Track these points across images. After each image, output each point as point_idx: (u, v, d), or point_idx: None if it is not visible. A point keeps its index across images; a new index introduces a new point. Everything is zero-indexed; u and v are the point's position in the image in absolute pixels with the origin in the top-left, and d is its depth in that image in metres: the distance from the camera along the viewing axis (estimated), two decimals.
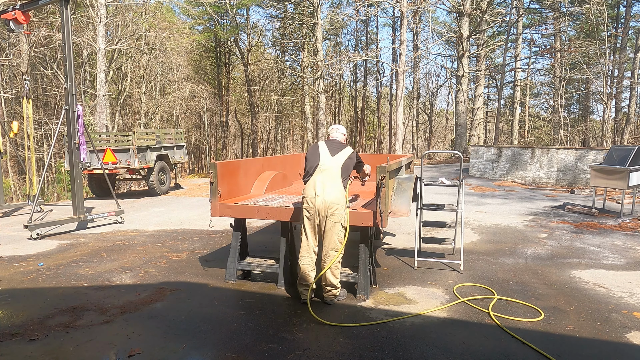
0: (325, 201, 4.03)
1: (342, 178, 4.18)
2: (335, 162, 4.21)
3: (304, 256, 4.19)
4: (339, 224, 4.07)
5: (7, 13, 7.87)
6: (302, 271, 4.18)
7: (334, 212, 4.04)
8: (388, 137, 32.96)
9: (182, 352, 3.33)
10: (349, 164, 4.30)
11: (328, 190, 4.06)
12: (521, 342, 3.47)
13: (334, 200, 4.04)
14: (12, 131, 9.55)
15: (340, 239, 4.11)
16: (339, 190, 4.10)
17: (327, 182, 4.09)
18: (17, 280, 5.00)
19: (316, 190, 4.07)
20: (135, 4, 20.99)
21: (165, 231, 7.63)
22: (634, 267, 5.49)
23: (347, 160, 4.27)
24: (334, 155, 4.25)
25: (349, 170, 4.31)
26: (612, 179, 8.54)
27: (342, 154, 4.29)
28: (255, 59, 31.25)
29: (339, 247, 4.11)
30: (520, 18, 24.03)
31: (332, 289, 4.21)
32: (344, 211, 4.10)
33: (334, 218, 4.05)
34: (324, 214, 4.06)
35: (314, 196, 4.06)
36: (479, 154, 16.03)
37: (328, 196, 4.03)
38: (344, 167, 4.23)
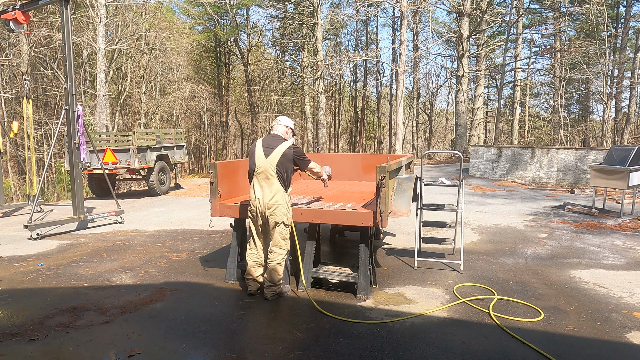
0: (265, 203, 4.16)
1: (280, 178, 4.16)
2: (269, 163, 4.16)
3: (250, 254, 4.40)
4: (281, 222, 4.18)
5: (7, 13, 7.87)
6: (248, 268, 4.41)
7: (274, 211, 4.15)
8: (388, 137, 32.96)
9: (182, 352, 3.33)
10: (284, 162, 4.17)
11: (266, 192, 4.17)
12: (521, 342, 3.47)
13: (273, 202, 4.14)
14: (12, 131, 9.55)
15: (283, 236, 4.23)
16: (276, 191, 4.15)
17: (265, 185, 4.18)
18: (17, 280, 5.00)
19: (256, 193, 4.22)
20: (135, 4, 20.99)
21: (165, 231, 7.63)
22: (634, 267, 5.49)
23: (281, 159, 4.15)
24: (268, 156, 4.17)
25: (287, 170, 4.22)
26: (612, 179, 8.54)
27: (277, 152, 4.16)
28: (255, 59, 31.26)
29: (282, 245, 4.25)
30: (520, 18, 24.03)
31: (272, 285, 4.33)
32: (285, 210, 4.18)
33: (275, 217, 4.16)
34: (265, 215, 4.20)
35: (255, 199, 4.22)
36: (479, 154, 16.03)
37: (266, 198, 4.16)
38: (280, 167, 4.15)
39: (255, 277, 4.42)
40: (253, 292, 4.44)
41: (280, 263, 4.27)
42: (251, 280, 4.44)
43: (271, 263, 4.26)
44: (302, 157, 4.34)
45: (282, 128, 4.42)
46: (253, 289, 4.45)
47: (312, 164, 4.46)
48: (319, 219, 4.42)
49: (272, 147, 4.20)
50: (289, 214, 4.24)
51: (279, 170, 4.15)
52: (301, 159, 4.33)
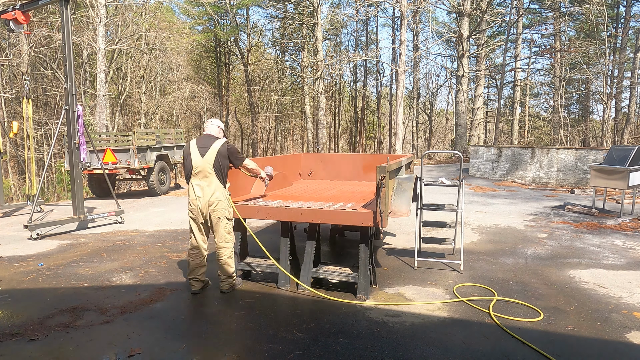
0: (206, 201, 4.28)
1: (218, 176, 4.28)
2: (206, 162, 4.27)
3: (192, 254, 4.49)
4: (223, 217, 4.31)
5: (7, 13, 7.86)
6: (191, 267, 4.51)
7: (215, 207, 4.28)
8: (388, 137, 32.96)
9: (182, 352, 3.33)
10: (220, 160, 4.29)
11: (206, 190, 4.28)
12: (521, 342, 3.47)
13: (214, 199, 4.27)
14: (12, 131, 9.54)
15: (227, 231, 4.38)
16: (215, 188, 4.28)
17: (204, 184, 4.29)
18: (17, 280, 5.00)
19: (196, 192, 4.32)
20: (135, 4, 21.00)
21: (165, 231, 7.63)
22: (634, 267, 5.49)
23: (217, 157, 4.27)
24: (204, 155, 4.28)
25: (223, 167, 4.33)
26: (612, 179, 8.54)
27: (212, 150, 4.27)
28: (255, 59, 31.25)
29: (228, 239, 4.40)
30: (520, 18, 24.02)
31: (227, 278, 4.50)
32: (226, 204, 4.33)
33: (217, 213, 4.30)
34: (206, 212, 4.32)
35: (195, 198, 4.32)
36: (479, 154, 16.03)
37: (207, 196, 4.28)
38: (216, 165, 4.27)
39: (197, 276, 4.51)
40: (196, 291, 4.52)
41: (230, 256, 4.44)
42: (193, 279, 4.52)
43: (222, 258, 4.42)
44: (236, 154, 4.44)
45: (214, 128, 4.52)
46: (197, 288, 4.52)
47: (247, 160, 4.54)
48: (319, 219, 4.42)
49: (208, 146, 4.30)
50: (229, 208, 4.38)
51: (217, 169, 4.27)
52: (235, 156, 4.42)
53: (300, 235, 6.22)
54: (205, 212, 4.32)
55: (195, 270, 4.51)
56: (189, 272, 4.54)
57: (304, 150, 32.10)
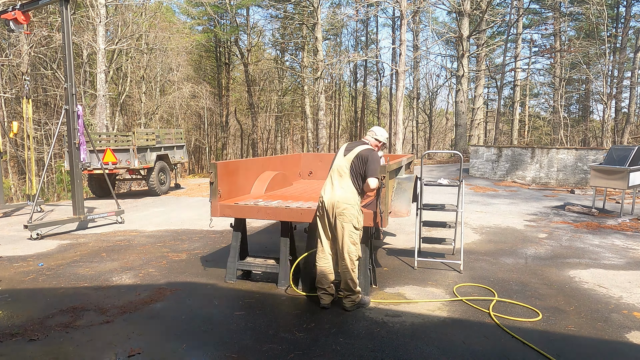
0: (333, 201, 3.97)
1: (353, 178, 4.03)
2: (345, 161, 4.08)
3: (319, 258, 4.14)
4: (349, 224, 3.93)
5: (7, 13, 7.87)
6: (318, 276, 4.13)
7: (342, 212, 3.92)
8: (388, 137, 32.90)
9: (182, 352, 3.33)
10: (358, 163, 4.04)
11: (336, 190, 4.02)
12: (521, 342, 3.47)
13: (341, 201, 3.94)
14: (12, 131, 9.55)
15: (353, 241, 3.95)
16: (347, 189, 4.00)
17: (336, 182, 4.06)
18: (17, 280, 5.00)
19: (326, 190, 4.08)
20: (135, 4, 21.00)
21: (165, 231, 7.63)
22: (633, 267, 5.49)
23: (355, 159, 4.05)
24: (346, 155, 4.11)
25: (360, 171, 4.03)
26: (612, 179, 8.54)
27: (353, 152, 4.09)
28: (255, 59, 31.23)
29: (352, 250, 3.96)
30: (520, 18, 24.02)
31: (350, 294, 4.03)
32: (355, 211, 3.96)
33: (343, 218, 3.93)
34: (332, 214, 3.99)
35: (323, 195, 4.07)
36: (479, 154, 16.03)
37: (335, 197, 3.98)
38: (353, 167, 4.04)
39: (325, 287, 4.10)
40: (326, 305, 4.09)
41: (354, 270, 3.99)
42: (323, 293, 4.11)
43: (346, 271, 4.00)
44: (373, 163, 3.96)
45: (370, 135, 4.37)
46: (327, 301, 4.10)
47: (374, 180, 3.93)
48: None
49: (352, 149, 4.13)
50: (359, 217, 4.00)
51: (352, 169, 4.00)
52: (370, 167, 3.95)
53: (300, 235, 6.21)
54: (331, 213, 3.97)
55: (322, 280, 4.09)
56: (317, 282, 4.14)
57: (304, 150, 32.11)
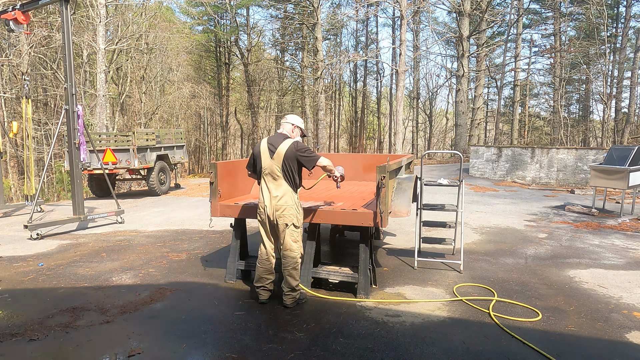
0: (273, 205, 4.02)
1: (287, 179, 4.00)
2: (274, 164, 3.98)
3: (261, 260, 4.25)
4: (290, 224, 4.03)
5: (7, 13, 7.86)
6: (258, 275, 4.27)
7: (282, 213, 3.99)
8: (388, 137, 32.95)
9: (182, 352, 3.33)
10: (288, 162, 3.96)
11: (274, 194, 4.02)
12: (521, 342, 3.47)
13: (281, 203, 3.99)
14: (12, 131, 9.55)
15: (294, 239, 4.06)
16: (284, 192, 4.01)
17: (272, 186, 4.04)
18: (17, 280, 5.00)
19: (264, 195, 4.08)
20: (135, 4, 21.00)
21: (165, 231, 7.63)
22: (633, 267, 5.49)
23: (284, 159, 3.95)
24: (273, 156, 3.99)
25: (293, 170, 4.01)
26: (612, 179, 8.54)
27: (279, 152, 3.97)
28: (255, 59, 31.22)
29: (294, 248, 4.07)
30: (520, 18, 24.04)
31: (290, 291, 4.12)
32: (294, 210, 4.03)
33: (284, 219, 4.01)
34: (273, 217, 4.04)
35: (263, 201, 4.08)
36: (479, 154, 16.03)
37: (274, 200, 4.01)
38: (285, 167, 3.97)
39: (265, 284, 4.24)
40: (265, 301, 4.24)
41: (295, 267, 4.08)
42: (261, 288, 4.24)
43: (286, 268, 4.08)
44: (305, 153, 3.99)
45: (288, 126, 4.20)
46: (264, 297, 4.24)
47: (322, 159, 4.06)
48: (319, 219, 4.42)
49: (275, 147, 3.99)
50: (298, 215, 4.07)
51: (285, 170, 3.96)
52: (305, 158, 3.99)
53: None
54: (273, 217, 4.03)
55: (263, 279, 4.22)
56: (256, 280, 4.27)
57: None
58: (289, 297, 4.13)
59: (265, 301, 4.24)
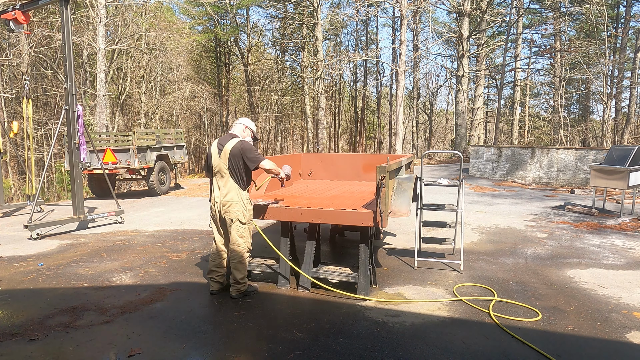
0: (220, 201, 4.23)
1: (233, 176, 4.15)
2: (221, 162, 4.16)
3: (212, 254, 4.49)
4: (236, 220, 4.21)
5: (7, 13, 7.87)
6: (209, 267, 4.51)
7: (228, 209, 4.18)
8: (388, 137, 32.96)
9: (182, 352, 3.33)
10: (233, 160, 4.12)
11: (222, 191, 4.23)
12: (521, 342, 3.47)
13: (227, 199, 4.18)
14: (12, 131, 9.55)
15: (240, 234, 4.24)
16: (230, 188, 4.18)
17: (220, 184, 4.23)
18: (17, 280, 5.00)
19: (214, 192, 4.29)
20: (135, 4, 20.99)
21: (165, 231, 7.63)
22: (633, 267, 5.49)
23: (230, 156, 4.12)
24: (220, 154, 4.17)
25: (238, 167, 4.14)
26: (612, 179, 8.54)
27: (225, 150, 4.14)
28: (255, 59, 31.24)
29: (240, 243, 4.25)
30: (520, 18, 24.03)
31: (235, 283, 4.34)
32: (240, 207, 4.18)
33: (230, 215, 4.20)
34: (222, 213, 4.25)
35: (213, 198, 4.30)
36: (479, 154, 16.03)
37: (222, 196, 4.22)
38: (230, 165, 4.13)
39: (215, 277, 4.46)
40: (214, 292, 4.47)
41: (241, 261, 4.29)
42: (211, 280, 4.49)
43: (232, 262, 4.31)
44: (249, 153, 4.13)
45: (239, 127, 4.38)
46: (214, 288, 4.48)
47: (265, 162, 4.18)
48: (319, 219, 4.42)
49: (224, 145, 4.17)
50: (244, 211, 4.22)
51: (231, 167, 4.13)
52: (247, 156, 4.12)
53: (300, 235, 6.21)
54: (221, 213, 4.24)
55: (214, 271, 4.46)
56: (208, 272, 4.52)
57: (304, 150, 32.09)
58: (234, 288, 4.37)
59: (215, 292, 4.47)
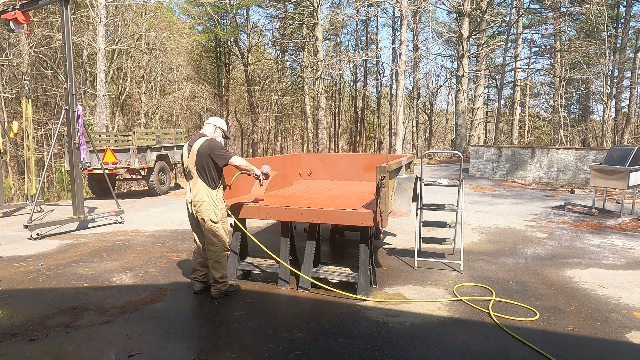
0: (191, 201, 4.25)
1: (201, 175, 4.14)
2: (190, 161, 4.18)
3: (193, 253, 4.52)
4: (207, 219, 4.20)
5: (7, 13, 7.86)
6: (192, 267, 4.54)
7: (199, 208, 4.19)
8: (388, 137, 32.96)
9: (182, 352, 3.33)
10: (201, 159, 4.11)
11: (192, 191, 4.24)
12: (521, 342, 3.47)
13: (197, 199, 4.18)
14: (12, 131, 9.55)
15: (213, 233, 4.22)
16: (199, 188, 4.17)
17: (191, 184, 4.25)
18: (17, 280, 5.00)
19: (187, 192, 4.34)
20: (135, 4, 20.99)
21: (166, 231, 7.63)
22: (633, 267, 5.49)
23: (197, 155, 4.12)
24: (189, 154, 4.19)
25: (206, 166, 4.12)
26: (612, 179, 8.54)
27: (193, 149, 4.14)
28: (255, 59, 31.24)
29: (214, 242, 4.23)
30: (520, 18, 24.03)
31: (214, 283, 4.33)
32: (211, 206, 4.18)
33: (201, 214, 4.20)
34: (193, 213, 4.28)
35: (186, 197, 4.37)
36: (479, 154, 16.03)
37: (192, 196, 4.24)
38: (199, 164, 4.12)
39: (197, 276, 4.48)
40: (198, 291, 4.49)
41: (217, 260, 4.26)
42: (194, 279, 4.52)
43: (208, 261, 4.31)
44: (216, 150, 4.11)
45: (209, 127, 4.35)
46: (198, 288, 4.50)
47: (234, 158, 4.19)
48: (319, 219, 4.42)
49: (192, 145, 4.18)
50: (215, 210, 4.19)
51: (199, 166, 4.12)
52: (215, 153, 4.10)
53: (300, 235, 6.21)
54: (194, 212, 4.26)
55: (196, 271, 4.49)
56: (191, 272, 4.55)
57: (304, 150, 32.10)
58: (213, 288, 4.34)
59: (198, 292, 4.48)
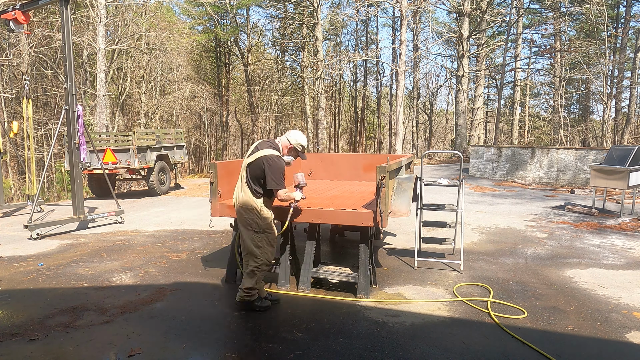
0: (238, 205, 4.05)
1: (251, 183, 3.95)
2: (245, 165, 4.00)
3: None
4: (251, 228, 3.99)
5: (7, 13, 7.87)
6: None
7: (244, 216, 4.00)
8: (388, 137, 32.95)
9: (182, 352, 3.33)
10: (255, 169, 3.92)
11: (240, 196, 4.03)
12: (521, 342, 3.47)
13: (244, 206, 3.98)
14: (12, 131, 9.55)
15: (255, 244, 3.99)
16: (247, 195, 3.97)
17: (239, 187, 4.07)
18: (17, 280, 5.00)
19: (235, 195, 4.12)
20: (135, 4, 20.99)
21: (166, 231, 7.63)
22: (633, 267, 5.49)
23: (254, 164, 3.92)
24: (248, 158, 4.00)
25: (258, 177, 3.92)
26: (612, 179, 8.54)
27: (254, 156, 3.94)
28: (255, 59, 31.23)
29: (256, 253, 3.99)
30: (520, 18, 24.03)
31: (242, 289, 4.05)
32: (254, 215, 3.95)
33: (244, 222, 4.01)
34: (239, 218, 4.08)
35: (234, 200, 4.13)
36: (479, 154, 16.03)
37: (238, 201, 4.04)
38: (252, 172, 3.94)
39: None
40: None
41: (254, 270, 3.99)
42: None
43: (244, 269, 4.14)
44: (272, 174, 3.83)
45: (284, 139, 4.14)
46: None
47: (281, 192, 3.89)
48: (319, 219, 4.42)
49: (256, 151, 3.99)
50: (258, 220, 3.95)
51: (252, 174, 3.94)
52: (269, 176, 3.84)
53: (300, 235, 6.22)
54: (237, 216, 4.07)
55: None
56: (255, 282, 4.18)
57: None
58: (240, 293, 4.06)
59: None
